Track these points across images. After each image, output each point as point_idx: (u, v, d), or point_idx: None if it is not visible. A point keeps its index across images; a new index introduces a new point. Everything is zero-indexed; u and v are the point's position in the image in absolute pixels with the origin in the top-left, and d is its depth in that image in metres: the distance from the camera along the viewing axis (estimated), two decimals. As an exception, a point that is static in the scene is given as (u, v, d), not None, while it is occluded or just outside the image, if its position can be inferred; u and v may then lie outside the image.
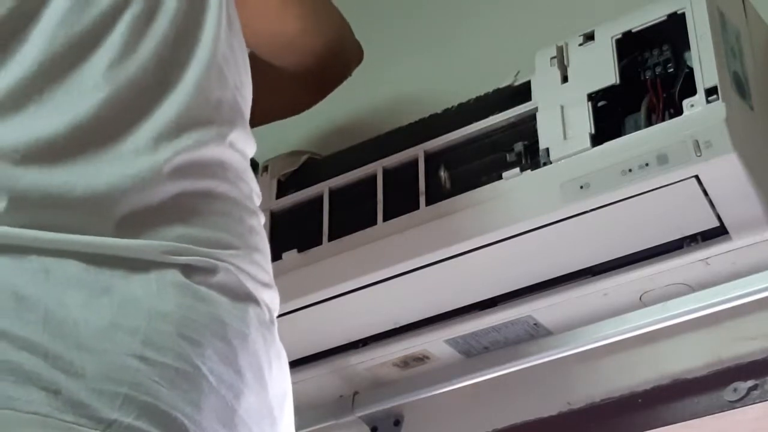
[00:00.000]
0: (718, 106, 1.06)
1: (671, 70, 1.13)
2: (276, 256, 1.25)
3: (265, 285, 0.91)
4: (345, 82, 1.35)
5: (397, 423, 1.38)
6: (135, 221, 0.84)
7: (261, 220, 0.96)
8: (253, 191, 0.96)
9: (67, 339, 0.77)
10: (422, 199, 1.21)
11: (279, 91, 1.31)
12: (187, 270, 0.84)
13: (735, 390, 1.19)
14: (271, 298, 0.92)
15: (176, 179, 0.87)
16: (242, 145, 0.96)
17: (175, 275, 0.83)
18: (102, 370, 0.77)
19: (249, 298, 0.88)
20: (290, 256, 1.26)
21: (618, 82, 1.13)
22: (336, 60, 1.30)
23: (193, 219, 0.87)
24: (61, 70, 0.87)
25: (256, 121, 1.33)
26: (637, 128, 1.11)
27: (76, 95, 0.86)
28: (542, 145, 1.15)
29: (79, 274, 0.80)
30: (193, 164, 0.89)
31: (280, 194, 1.32)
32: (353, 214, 1.25)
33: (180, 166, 0.88)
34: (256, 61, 1.26)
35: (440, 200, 1.19)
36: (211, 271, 0.85)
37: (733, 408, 1.18)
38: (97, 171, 0.84)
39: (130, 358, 0.78)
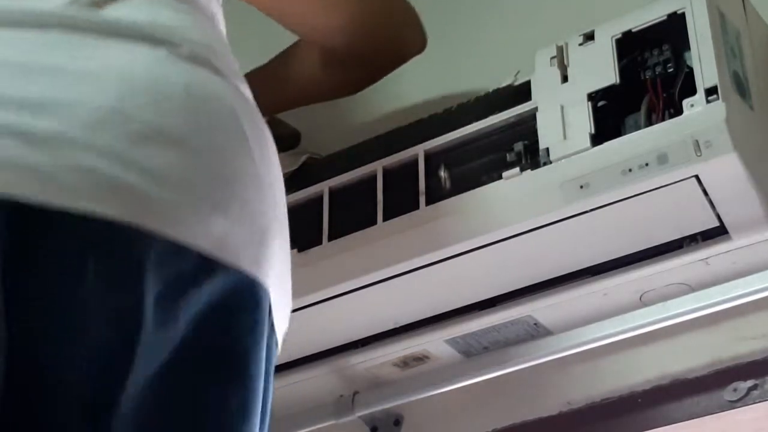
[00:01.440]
0: (718, 106, 1.06)
1: (671, 70, 1.12)
2: (276, 256, 1.25)
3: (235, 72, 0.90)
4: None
5: (397, 423, 1.39)
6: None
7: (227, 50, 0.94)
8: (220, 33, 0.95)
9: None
10: (422, 199, 1.20)
11: (326, 72, 1.30)
12: (157, 42, 0.83)
13: (735, 390, 1.19)
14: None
15: None
16: None
17: (149, 48, 0.82)
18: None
19: (217, 73, 0.86)
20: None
21: (618, 81, 1.13)
22: (385, 48, 1.28)
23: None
24: None
25: (303, 101, 1.33)
26: (637, 128, 1.11)
27: None
28: (542, 145, 1.15)
29: (59, 40, 0.80)
30: None
31: (280, 194, 1.32)
32: (353, 214, 1.25)
33: None
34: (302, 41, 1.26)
35: (440, 200, 1.19)
36: (178, 44, 0.84)
37: (733, 408, 1.19)
38: None
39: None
